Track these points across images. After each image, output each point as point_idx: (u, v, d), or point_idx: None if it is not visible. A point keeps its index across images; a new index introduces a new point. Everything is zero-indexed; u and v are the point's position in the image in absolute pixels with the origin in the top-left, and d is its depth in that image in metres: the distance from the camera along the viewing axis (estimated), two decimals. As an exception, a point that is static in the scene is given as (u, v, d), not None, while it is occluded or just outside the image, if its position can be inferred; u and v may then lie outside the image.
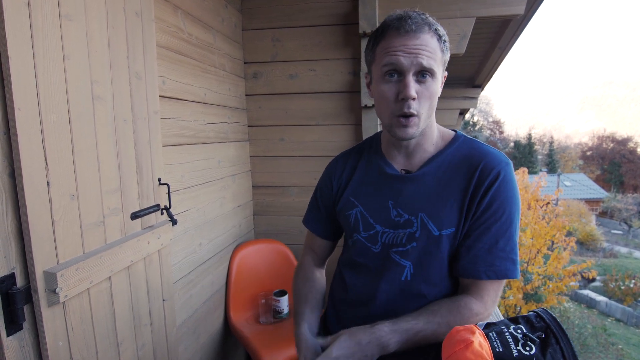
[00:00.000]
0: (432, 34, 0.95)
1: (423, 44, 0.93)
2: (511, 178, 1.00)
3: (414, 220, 1.03)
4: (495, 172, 0.99)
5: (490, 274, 0.97)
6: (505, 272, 0.97)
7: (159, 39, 1.65)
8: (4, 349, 0.98)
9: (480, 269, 0.98)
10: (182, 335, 1.89)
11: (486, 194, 0.98)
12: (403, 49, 0.94)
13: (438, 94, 1.00)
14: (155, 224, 1.56)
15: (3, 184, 0.98)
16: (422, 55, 0.93)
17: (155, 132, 1.55)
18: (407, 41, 0.93)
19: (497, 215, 0.98)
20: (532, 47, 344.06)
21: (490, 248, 0.98)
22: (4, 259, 0.98)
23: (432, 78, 0.96)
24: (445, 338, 0.91)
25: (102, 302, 1.28)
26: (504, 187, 0.98)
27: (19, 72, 0.98)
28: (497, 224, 0.98)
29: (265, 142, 2.67)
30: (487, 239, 0.98)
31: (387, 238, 1.06)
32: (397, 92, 0.96)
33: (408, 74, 0.94)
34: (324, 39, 2.49)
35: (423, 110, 0.97)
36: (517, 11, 2.26)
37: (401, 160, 1.10)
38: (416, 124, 0.98)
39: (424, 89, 0.96)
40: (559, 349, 0.79)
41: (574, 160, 50.31)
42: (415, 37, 0.93)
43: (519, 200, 1.00)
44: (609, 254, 22.54)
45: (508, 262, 0.97)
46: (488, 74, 4.82)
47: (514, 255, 0.98)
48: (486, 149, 1.05)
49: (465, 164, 1.02)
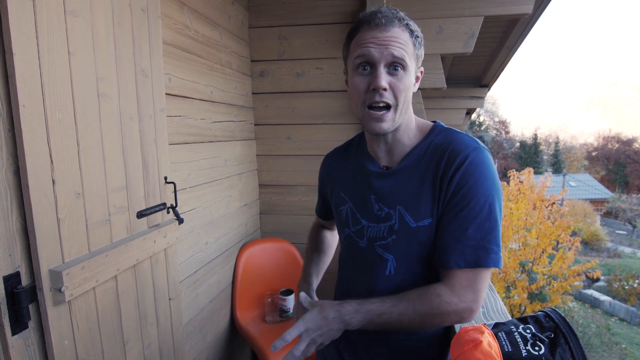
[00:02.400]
0: (403, 28, 0.96)
1: (394, 36, 0.95)
2: (480, 162, 0.95)
3: (392, 213, 1.04)
4: (461, 157, 0.96)
5: (460, 263, 0.94)
6: (477, 260, 0.93)
7: (165, 36, 1.64)
8: (10, 348, 0.97)
9: (450, 257, 0.95)
10: (189, 334, 1.88)
11: (452, 179, 0.96)
12: (374, 40, 0.95)
13: (412, 88, 1.01)
14: (162, 223, 1.55)
15: (8, 182, 0.97)
16: (393, 46, 0.94)
17: (162, 130, 1.54)
18: (377, 34, 0.95)
19: (465, 201, 0.94)
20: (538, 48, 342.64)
21: (459, 236, 0.94)
22: (8, 258, 0.97)
23: (404, 71, 0.96)
24: (453, 338, 0.90)
25: (108, 301, 1.27)
26: (471, 172, 0.94)
27: (23, 69, 0.97)
28: (465, 211, 0.94)
29: (272, 140, 2.66)
30: (455, 226, 0.95)
31: (371, 232, 1.08)
32: (368, 83, 0.97)
33: (379, 65, 0.95)
34: (331, 37, 2.47)
35: (398, 102, 0.98)
36: (525, 10, 2.24)
37: (383, 156, 1.11)
38: (391, 118, 0.98)
39: (397, 81, 0.96)
40: (568, 349, 0.79)
41: (580, 160, 50.14)
42: (385, 30, 0.95)
43: (493, 185, 0.95)
44: (613, 254, 22.48)
45: (480, 250, 0.93)
46: (495, 73, 4.79)
47: (487, 243, 0.93)
48: (457, 136, 1.02)
49: (437, 153, 1.01)
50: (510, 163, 40.32)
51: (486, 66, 4.77)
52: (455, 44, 2.30)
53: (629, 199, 31.86)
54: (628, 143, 47.58)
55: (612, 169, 44.94)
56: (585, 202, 26.44)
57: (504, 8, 2.25)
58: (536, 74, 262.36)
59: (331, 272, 1.63)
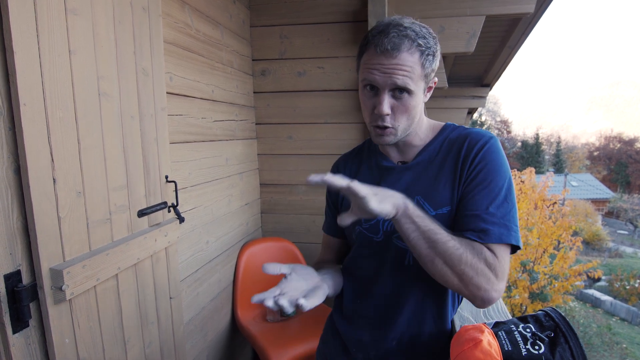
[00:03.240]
0: (412, 51, 0.95)
1: (399, 64, 0.94)
2: (497, 149, 1.01)
3: None
4: (480, 142, 1.01)
5: (484, 238, 0.94)
6: (500, 236, 0.93)
7: (166, 34, 1.64)
8: (11, 346, 0.97)
9: (472, 234, 0.94)
10: (189, 333, 1.88)
11: (472, 162, 0.99)
12: (379, 67, 0.95)
13: (418, 106, 1.02)
14: (163, 222, 1.55)
15: (9, 181, 0.97)
16: (397, 76, 0.94)
17: (162, 129, 1.54)
18: (383, 60, 0.95)
19: (486, 181, 0.97)
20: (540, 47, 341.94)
21: (481, 213, 0.95)
22: (9, 256, 0.97)
23: (408, 95, 0.98)
24: (453, 337, 0.90)
25: (108, 300, 1.27)
26: (489, 156, 0.99)
27: (24, 67, 0.97)
28: (486, 190, 0.97)
29: (273, 140, 2.66)
30: (477, 204, 0.97)
31: (388, 226, 1.09)
32: (373, 105, 1.00)
33: (383, 91, 0.97)
34: (333, 37, 2.47)
35: (399, 124, 1.00)
36: (527, 9, 2.23)
37: (395, 155, 1.14)
38: (392, 133, 1.02)
39: (400, 104, 0.98)
40: (568, 348, 0.79)
41: (581, 160, 50.08)
42: (391, 57, 0.94)
43: (508, 170, 1.00)
44: (615, 253, 22.45)
45: (502, 228, 0.94)
46: (497, 73, 4.78)
47: (507, 222, 0.95)
48: (472, 129, 1.07)
49: (455, 145, 1.05)
50: (512, 163, 40.25)
51: (488, 65, 4.76)
52: (456, 44, 2.30)
53: (631, 198, 31.80)
54: (630, 143, 47.49)
55: (613, 168, 44.87)
56: (586, 202, 26.40)
57: (505, 7, 2.24)
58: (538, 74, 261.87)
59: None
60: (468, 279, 0.89)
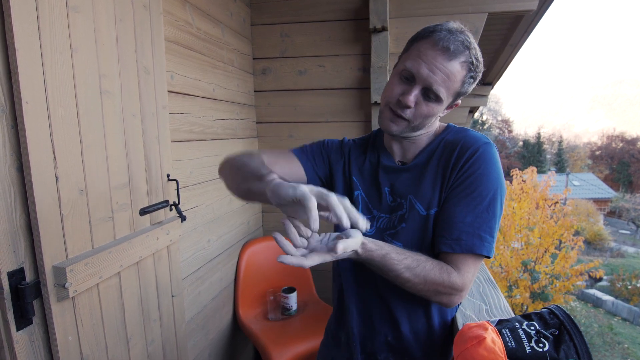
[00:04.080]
0: (464, 65, 0.94)
1: (447, 69, 0.93)
2: (489, 157, 0.99)
3: (403, 202, 1.07)
4: (472, 149, 1.00)
5: (455, 247, 0.96)
6: (472, 247, 0.95)
7: (167, 33, 1.64)
8: (14, 344, 0.98)
9: (446, 242, 0.97)
10: (191, 331, 1.89)
11: (461, 169, 0.99)
12: (427, 60, 0.94)
13: (437, 114, 1.02)
14: (164, 220, 1.55)
15: (11, 179, 0.97)
16: (438, 78, 0.93)
17: (164, 127, 1.54)
18: (438, 57, 0.93)
19: (469, 190, 0.98)
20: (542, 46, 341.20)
21: (457, 222, 0.97)
22: (13, 254, 0.97)
23: (435, 100, 0.97)
24: (456, 335, 0.89)
25: (111, 298, 1.27)
26: (479, 164, 0.98)
27: (26, 65, 0.97)
28: (467, 199, 0.97)
29: (274, 138, 2.65)
30: (456, 212, 0.98)
31: (382, 223, 1.10)
32: (402, 91, 0.99)
33: (417, 85, 0.96)
34: (334, 35, 2.47)
35: (414, 122, 1.00)
36: (530, 7, 2.23)
37: (398, 152, 1.14)
38: (404, 127, 1.02)
39: (424, 105, 0.98)
40: (572, 345, 0.79)
41: (583, 159, 49.96)
42: (446, 58, 0.92)
43: (497, 179, 0.99)
44: (617, 253, 22.37)
45: (475, 238, 0.95)
46: (499, 71, 4.77)
47: (482, 232, 0.96)
48: (469, 132, 1.06)
49: (448, 148, 1.05)
50: (513, 162, 40.18)
51: (489, 64, 4.74)
52: (458, 42, 2.29)
53: (633, 198, 31.68)
54: (632, 142, 47.36)
55: (616, 168, 44.75)
56: (588, 201, 26.33)
57: (507, 4, 2.23)
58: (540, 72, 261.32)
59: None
60: (430, 296, 0.97)
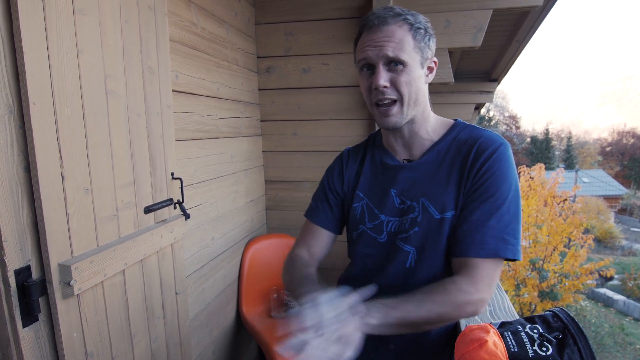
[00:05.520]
0: (399, 24, 0.98)
1: (387, 36, 0.97)
2: (506, 157, 1.00)
3: (415, 205, 1.05)
4: (489, 150, 1.00)
5: (480, 252, 0.94)
6: (496, 250, 0.94)
7: (172, 33, 1.66)
8: (20, 340, 1.00)
9: (469, 247, 0.96)
10: (195, 328, 1.91)
11: (479, 171, 0.99)
12: (370, 43, 0.99)
13: (419, 80, 1.02)
14: (168, 218, 1.57)
15: (19, 178, 0.99)
16: (387, 47, 0.97)
17: (169, 126, 1.55)
18: (372, 36, 0.99)
19: (490, 192, 0.97)
20: (550, 41, 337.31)
21: (480, 226, 0.96)
22: (19, 252, 1.00)
23: (404, 67, 0.98)
24: (458, 337, 0.89)
25: (115, 295, 1.29)
26: (497, 165, 0.98)
27: (33, 67, 0.99)
28: (489, 201, 0.96)
29: (278, 136, 2.67)
30: (477, 216, 0.97)
31: (392, 226, 1.09)
32: (371, 83, 1.01)
33: (377, 65, 0.99)
34: (337, 33, 2.47)
35: (403, 95, 1.00)
36: (536, 2, 2.20)
37: (401, 151, 1.12)
38: (397, 111, 1.01)
39: (397, 76, 0.99)
40: (576, 349, 0.78)
41: (593, 156, 49.37)
42: (379, 31, 0.98)
43: (515, 180, 0.99)
44: (628, 252, 22.08)
45: (499, 242, 0.94)
46: (505, 67, 4.73)
47: (507, 235, 0.95)
48: (483, 131, 1.06)
49: (464, 147, 1.04)
50: (520, 159, 39.80)
51: (495, 60, 4.71)
52: (463, 38, 2.27)
53: (644, 195, 31.36)
54: (643, 138, 46.81)
55: (627, 164, 44.18)
56: (598, 198, 26.03)
57: (513, 1, 2.21)
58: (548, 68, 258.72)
59: (332, 267, 1.63)
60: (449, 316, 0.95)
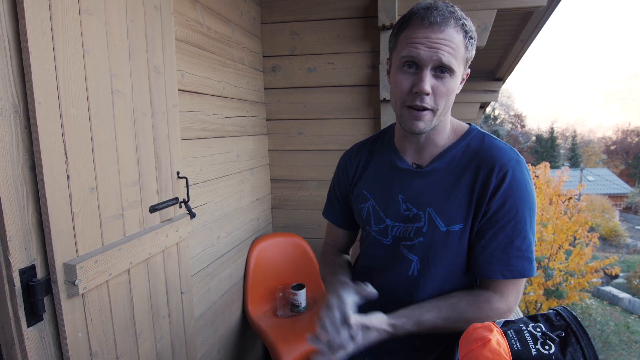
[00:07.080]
0: (458, 29, 0.91)
1: (446, 39, 0.89)
2: (522, 176, 0.97)
3: (421, 215, 1.03)
4: (504, 170, 0.96)
5: (507, 274, 0.97)
6: (522, 271, 0.97)
7: (178, 32, 1.65)
8: (25, 340, 1.00)
9: (497, 268, 0.97)
10: (200, 327, 1.91)
11: (496, 193, 0.96)
12: (425, 41, 0.90)
13: (455, 91, 0.98)
14: (174, 217, 1.57)
15: (24, 177, 0.99)
16: (443, 51, 0.89)
17: (174, 125, 1.55)
18: (430, 34, 0.89)
19: (511, 214, 0.96)
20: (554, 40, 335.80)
21: (506, 247, 0.97)
22: (24, 251, 1.00)
23: (450, 75, 0.93)
24: (462, 335, 0.89)
25: (120, 294, 1.29)
26: (515, 186, 0.96)
27: (39, 67, 0.98)
28: (512, 223, 0.96)
29: (284, 135, 2.67)
30: (502, 238, 0.97)
31: (397, 231, 1.07)
32: (412, 84, 0.94)
33: (426, 68, 0.91)
34: (343, 32, 2.46)
35: (438, 107, 0.95)
36: (540, 2, 2.19)
37: (412, 153, 1.09)
38: (429, 119, 0.96)
39: (440, 85, 0.93)
40: (579, 348, 0.78)
41: (598, 154, 49.16)
42: (439, 31, 0.89)
43: (532, 198, 0.98)
44: (633, 250, 21.99)
45: (525, 261, 0.97)
46: (509, 67, 4.72)
47: (530, 254, 0.97)
48: (496, 145, 1.02)
49: (474, 160, 1.01)
50: (526, 157, 39.62)
51: (500, 59, 4.70)
52: (468, 38, 2.26)
53: (649, 194, 31.19)
54: (648, 137, 46.54)
55: (631, 163, 43.95)
56: (603, 197, 25.92)
57: (517, 0, 2.20)
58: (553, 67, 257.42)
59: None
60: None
